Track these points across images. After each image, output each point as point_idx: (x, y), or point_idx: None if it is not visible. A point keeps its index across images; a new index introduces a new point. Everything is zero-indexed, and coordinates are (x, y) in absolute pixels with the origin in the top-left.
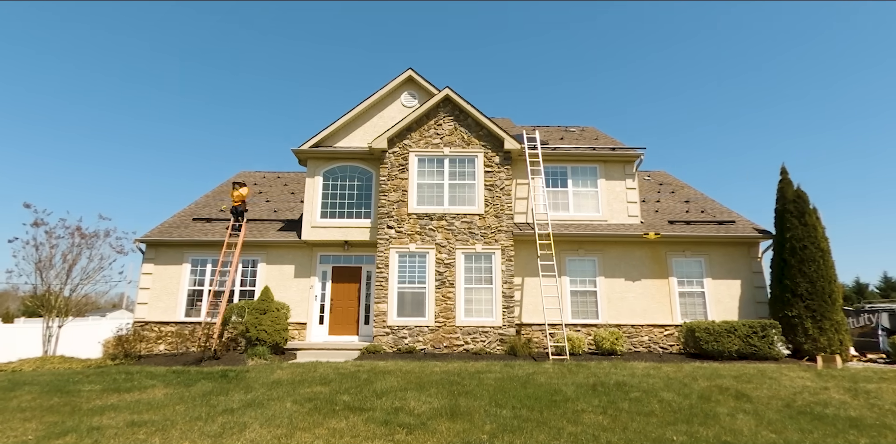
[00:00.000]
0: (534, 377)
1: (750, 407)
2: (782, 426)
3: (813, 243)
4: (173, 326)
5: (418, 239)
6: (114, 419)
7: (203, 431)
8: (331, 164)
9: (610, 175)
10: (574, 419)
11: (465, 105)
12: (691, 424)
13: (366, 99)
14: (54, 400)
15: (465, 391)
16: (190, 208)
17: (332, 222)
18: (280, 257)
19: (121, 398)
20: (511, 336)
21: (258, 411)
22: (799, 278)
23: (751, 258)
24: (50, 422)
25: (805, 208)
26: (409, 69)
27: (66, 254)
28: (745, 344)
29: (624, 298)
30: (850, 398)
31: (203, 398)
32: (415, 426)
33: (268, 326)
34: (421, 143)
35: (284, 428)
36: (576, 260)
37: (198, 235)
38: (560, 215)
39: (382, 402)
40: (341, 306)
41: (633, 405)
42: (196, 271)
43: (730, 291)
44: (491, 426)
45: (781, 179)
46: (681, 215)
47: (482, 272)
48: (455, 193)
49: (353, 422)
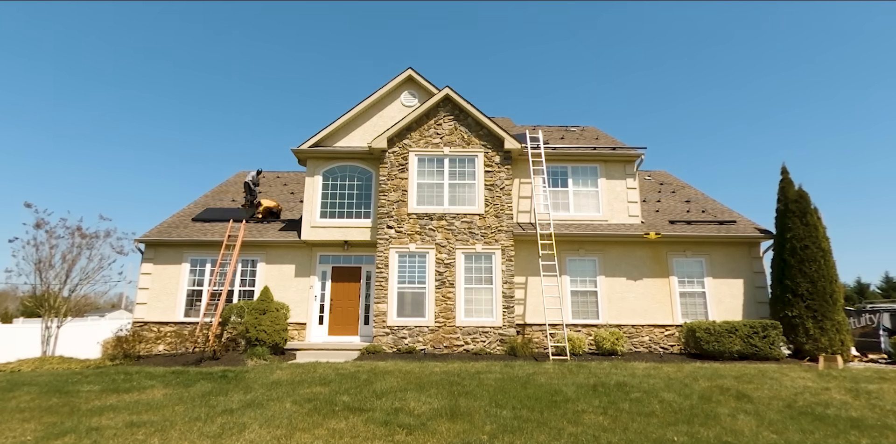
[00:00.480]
0: (534, 377)
1: (751, 408)
2: (783, 427)
3: (814, 242)
4: (172, 326)
5: (418, 239)
6: (113, 419)
7: (202, 431)
8: (330, 163)
9: (610, 175)
10: (574, 419)
11: (465, 104)
12: (692, 424)
13: (365, 98)
14: (53, 401)
15: (465, 392)
16: (189, 208)
17: (331, 222)
18: (279, 256)
19: (120, 398)
20: (511, 336)
21: (258, 411)
22: (800, 278)
23: (752, 258)
24: (49, 423)
25: (806, 208)
26: (409, 68)
27: (65, 254)
28: (746, 344)
29: (624, 298)
30: (852, 399)
31: (202, 399)
32: (415, 426)
33: (267, 326)
34: (421, 142)
35: (284, 429)
36: (576, 260)
37: (197, 235)
38: (560, 215)
39: (382, 402)
40: (341, 307)
41: (634, 405)
42: (195, 271)
43: (731, 291)
44: (491, 427)
45: (782, 179)
46: (681, 215)
47: (482, 272)
48: (455, 193)
49: (353, 423)
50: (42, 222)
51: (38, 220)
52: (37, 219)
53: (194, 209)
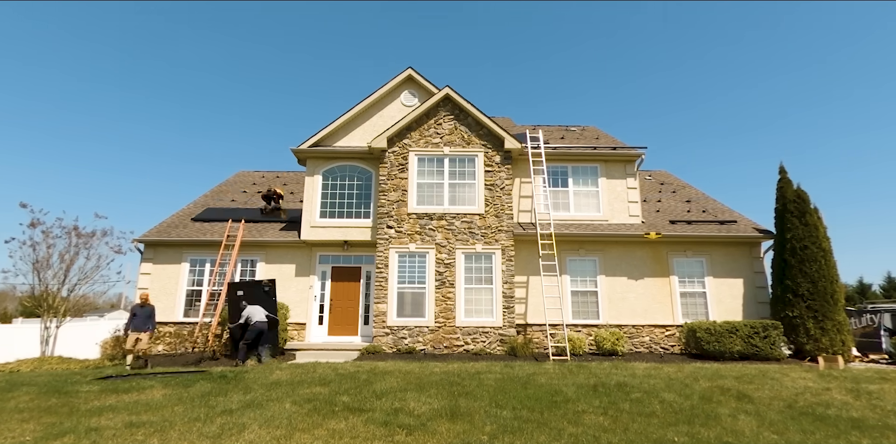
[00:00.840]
0: (534, 377)
1: (751, 408)
2: (784, 427)
3: (814, 242)
4: (172, 326)
5: (418, 239)
6: (112, 419)
7: (202, 432)
8: (330, 163)
9: (611, 175)
10: (575, 419)
11: (466, 104)
12: (693, 425)
13: (365, 98)
14: (52, 401)
15: (466, 392)
16: (188, 208)
17: (331, 222)
18: (279, 256)
19: (119, 398)
20: (511, 337)
21: (257, 412)
22: (800, 278)
23: (752, 258)
24: (48, 423)
25: (806, 208)
26: (409, 68)
27: (63, 254)
28: (746, 345)
29: (625, 298)
30: (853, 399)
31: (201, 399)
32: (415, 427)
33: None
34: (421, 142)
35: (283, 429)
36: (576, 260)
37: (196, 235)
38: (561, 215)
39: (382, 403)
40: (341, 307)
41: (635, 405)
42: (195, 271)
43: (731, 291)
44: (491, 427)
45: (780, 179)
46: (682, 215)
47: (482, 272)
48: (455, 193)
49: (353, 423)
50: (37, 221)
51: (32, 220)
52: (31, 219)
53: (194, 209)
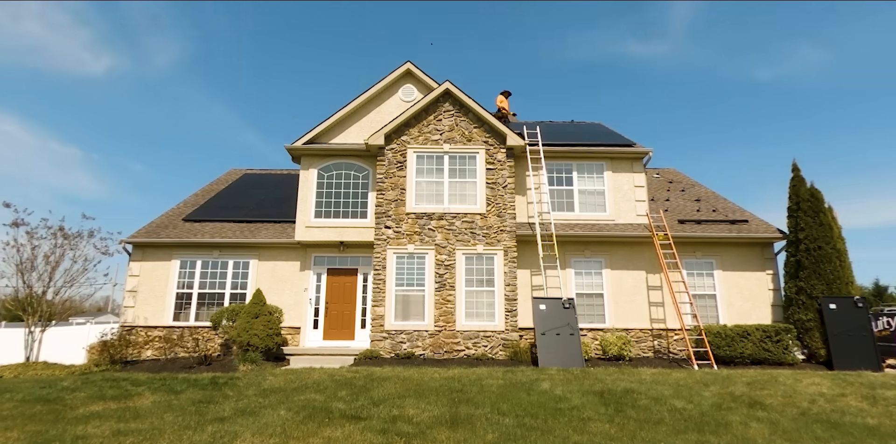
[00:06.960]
0: (538, 383)
1: (764, 415)
2: (797, 435)
3: (828, 243)
4: (161, 330)
5: (417, 239)
6: (99, 427)
7: (192, 440)
8: (325, 161)
9: (617, 173)
10: (580, 427)
11: (466, 99)
12: (702, 433)
13: (362, 93)
14: (37, 408)
15: (466, 399)
16: (178, 208)
17: (327, 222)
18: (273, 258)
19: (106, 405)
20: (514, 341)
21: (250, 419)
22: (814, 280)
23: (764, 259)
24: (32, 431)
25: (819, 207)
26: (408, 62)
27: (48, 255)
28: (758, 349)
29: (632, 300)
30: (868, 406)
31: (192, 406)
32: (413, 434)
33: (260, 330)
34: (420, 139)
35: (277, 437)
36: (581, 261)
37: (186, 235)
38: (565, 215)
39: (380, 410)
40: (337, 310)
41: (642, 413)
42: (185, 274)
43: (742, 293)
44: (493, 435)
45: (793, 177)
46: (691, 215)
47: (484, 274)
48: (455, 192)
49: (349, 431)
50: (20, 221)
51: (15, 219)
52: (14, 219)
53: (184, 209)
